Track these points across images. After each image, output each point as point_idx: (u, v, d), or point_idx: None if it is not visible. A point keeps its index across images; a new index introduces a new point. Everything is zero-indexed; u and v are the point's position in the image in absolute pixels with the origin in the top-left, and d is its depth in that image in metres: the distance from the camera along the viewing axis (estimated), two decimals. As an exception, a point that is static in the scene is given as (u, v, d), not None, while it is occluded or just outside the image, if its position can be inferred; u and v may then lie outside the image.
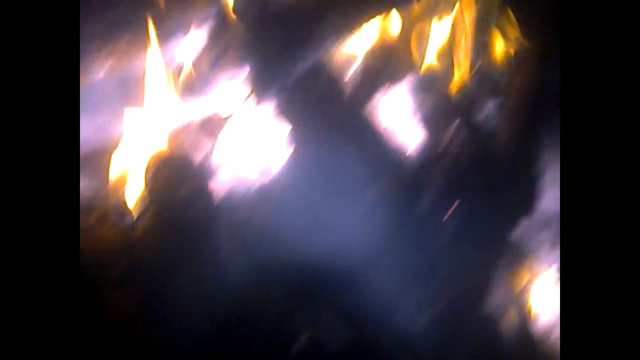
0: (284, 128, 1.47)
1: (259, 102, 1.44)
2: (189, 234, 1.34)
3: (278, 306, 1.40)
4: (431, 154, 1.55)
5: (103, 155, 1.39)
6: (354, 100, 1.50)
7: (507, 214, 1.62)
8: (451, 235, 1.54)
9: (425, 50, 1.59)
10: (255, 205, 1.42)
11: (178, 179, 1.38)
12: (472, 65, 1.62)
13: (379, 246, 1.45)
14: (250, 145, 1.48)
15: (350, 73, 1.51)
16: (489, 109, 1.62)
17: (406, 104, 1.57)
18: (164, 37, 1.41)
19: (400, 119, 1.56)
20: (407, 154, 1.53)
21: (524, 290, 1.62)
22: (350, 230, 1.43)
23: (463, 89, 1.60)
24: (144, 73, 1.39)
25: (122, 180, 1.39)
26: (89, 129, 1.38)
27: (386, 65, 1.54)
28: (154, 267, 1.31)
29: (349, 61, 1.53)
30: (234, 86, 1.47)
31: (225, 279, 1.36)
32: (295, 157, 1.47)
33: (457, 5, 1.59)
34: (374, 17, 1.48)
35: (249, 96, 1.45)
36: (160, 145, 1.40)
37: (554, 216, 1.85)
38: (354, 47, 1.53)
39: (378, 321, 1.47)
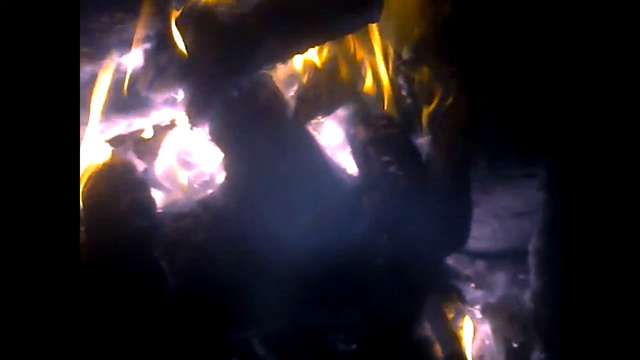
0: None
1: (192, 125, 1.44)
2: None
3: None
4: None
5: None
6: (289, 126, 1.51)
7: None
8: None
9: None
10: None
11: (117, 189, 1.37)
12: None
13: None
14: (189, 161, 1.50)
15: (288, 97, 1.54)
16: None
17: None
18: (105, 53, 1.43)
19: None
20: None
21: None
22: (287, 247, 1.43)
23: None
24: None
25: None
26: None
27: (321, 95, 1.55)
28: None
29: (286, 86, 1.55)
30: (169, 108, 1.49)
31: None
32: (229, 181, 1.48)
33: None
34: (312, 46, 1.51)
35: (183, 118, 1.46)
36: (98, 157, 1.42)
37: (482, 252, 1.91)
38: (290, 74, 1.57)
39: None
